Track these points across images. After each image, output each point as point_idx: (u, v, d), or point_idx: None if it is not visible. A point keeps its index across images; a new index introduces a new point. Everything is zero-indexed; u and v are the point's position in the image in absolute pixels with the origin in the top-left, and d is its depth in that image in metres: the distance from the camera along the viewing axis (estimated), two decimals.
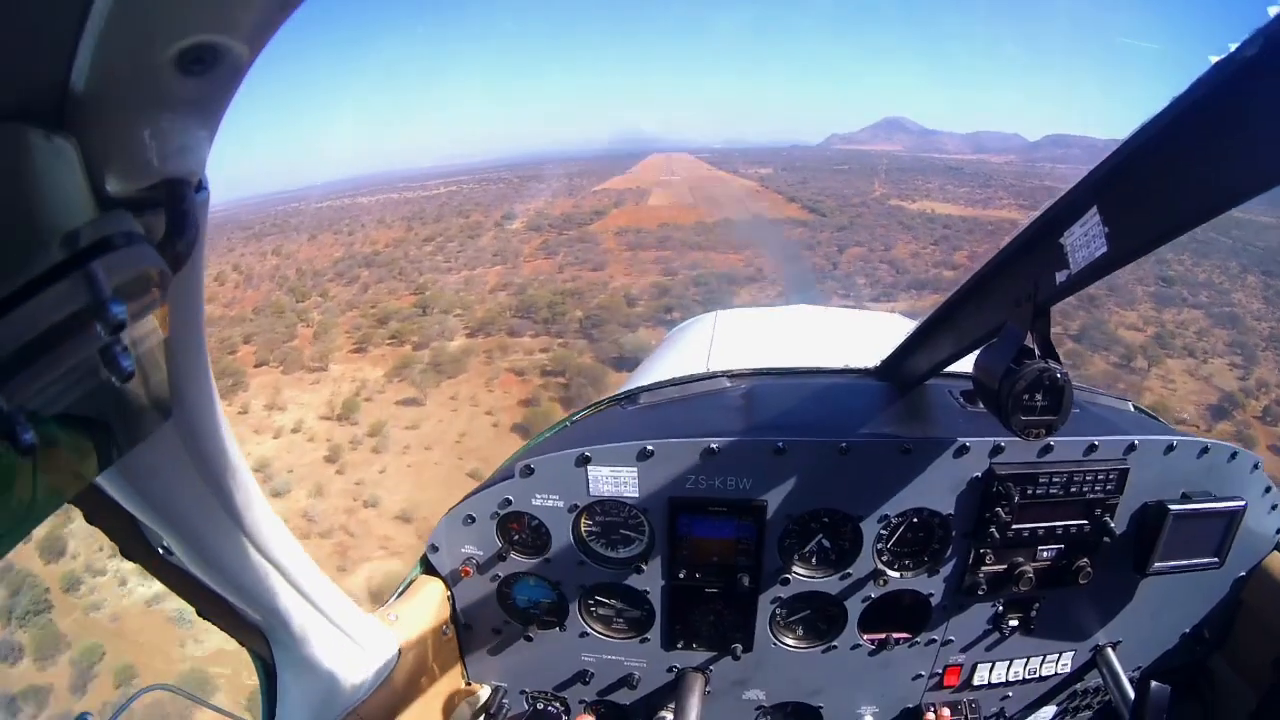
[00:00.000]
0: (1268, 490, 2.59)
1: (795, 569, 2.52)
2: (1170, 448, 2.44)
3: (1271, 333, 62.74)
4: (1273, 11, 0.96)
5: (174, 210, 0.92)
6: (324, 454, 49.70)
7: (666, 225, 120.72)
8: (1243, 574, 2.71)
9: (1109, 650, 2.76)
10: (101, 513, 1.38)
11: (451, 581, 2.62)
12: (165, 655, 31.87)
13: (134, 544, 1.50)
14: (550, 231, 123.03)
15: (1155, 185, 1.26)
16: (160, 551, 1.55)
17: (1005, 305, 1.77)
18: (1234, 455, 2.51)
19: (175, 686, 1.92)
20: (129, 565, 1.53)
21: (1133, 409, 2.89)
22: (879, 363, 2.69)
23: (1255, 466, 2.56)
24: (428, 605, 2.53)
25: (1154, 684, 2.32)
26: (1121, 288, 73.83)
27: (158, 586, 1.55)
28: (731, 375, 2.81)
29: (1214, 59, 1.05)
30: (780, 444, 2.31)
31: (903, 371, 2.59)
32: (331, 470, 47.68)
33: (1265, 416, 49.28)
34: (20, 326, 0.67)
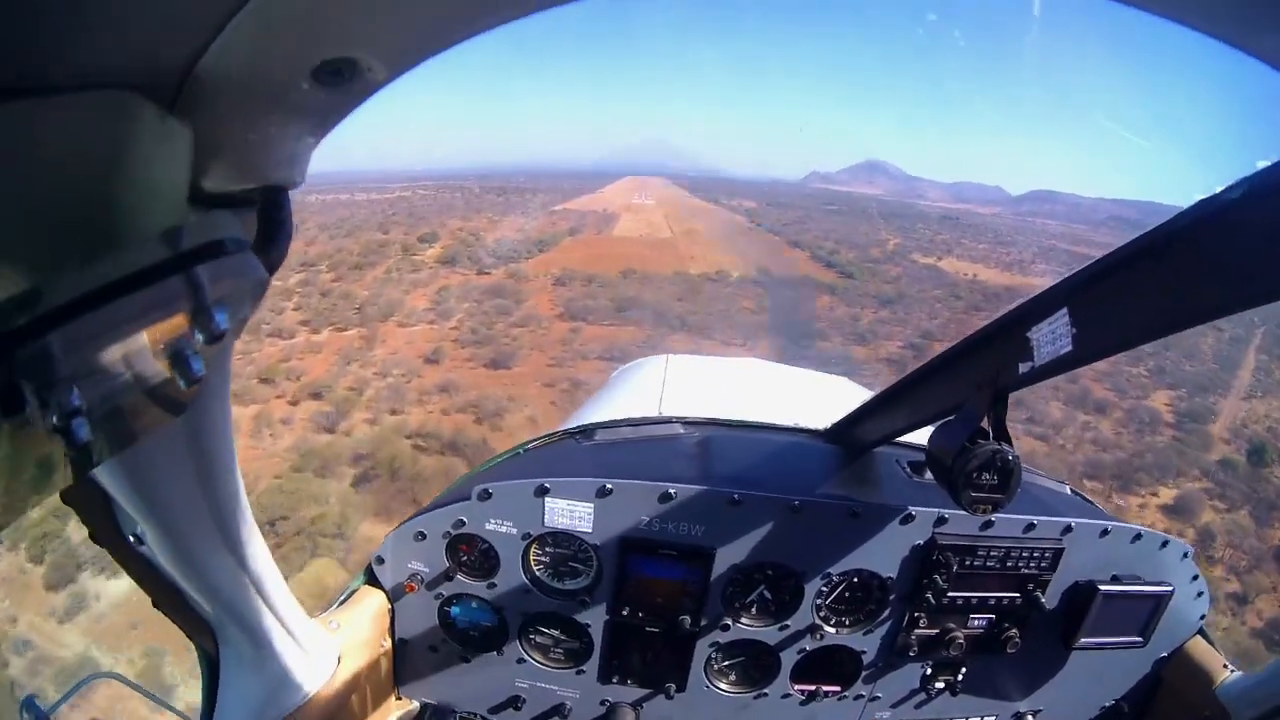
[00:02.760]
0: (1194, 578, 2.59)
1: (736, 617, 2.48)
2: (1105, 532, 2.44)
3: None
4: (1260, 165, 1.03)
5: (273, 217, 0.85)
6: None
7: (632, 273, 77.97)
8: (1164, 654, 2.70)
9: (1029, 718, 2.74)
10: (81, 493, 1.31)
11: (394, 596, 2.49)
12: None
13: (106, 528, 1.42)
14: (467, 269, 79.76)
15: (1125, 299, 1.31)
16: (130, 540, 1.46)
17: (966, 387, 1.80)
18: (1165, 544, 2.52)
19: (121, 676, 1.95)
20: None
21: (1069, 491, 2.83)
22: (830, 425, 2.67)
23: (1185, 555, 2.55)
24: (368, 616, 2.41)
25: None
26: None
27: None
28: (686, 422, 2.77)
29: (1199, 197, 1.12)
30: (736, 496, 2.27)
31: (854, 436, 2.57)
32: None
33: None
34: (117, 320, 0.61)
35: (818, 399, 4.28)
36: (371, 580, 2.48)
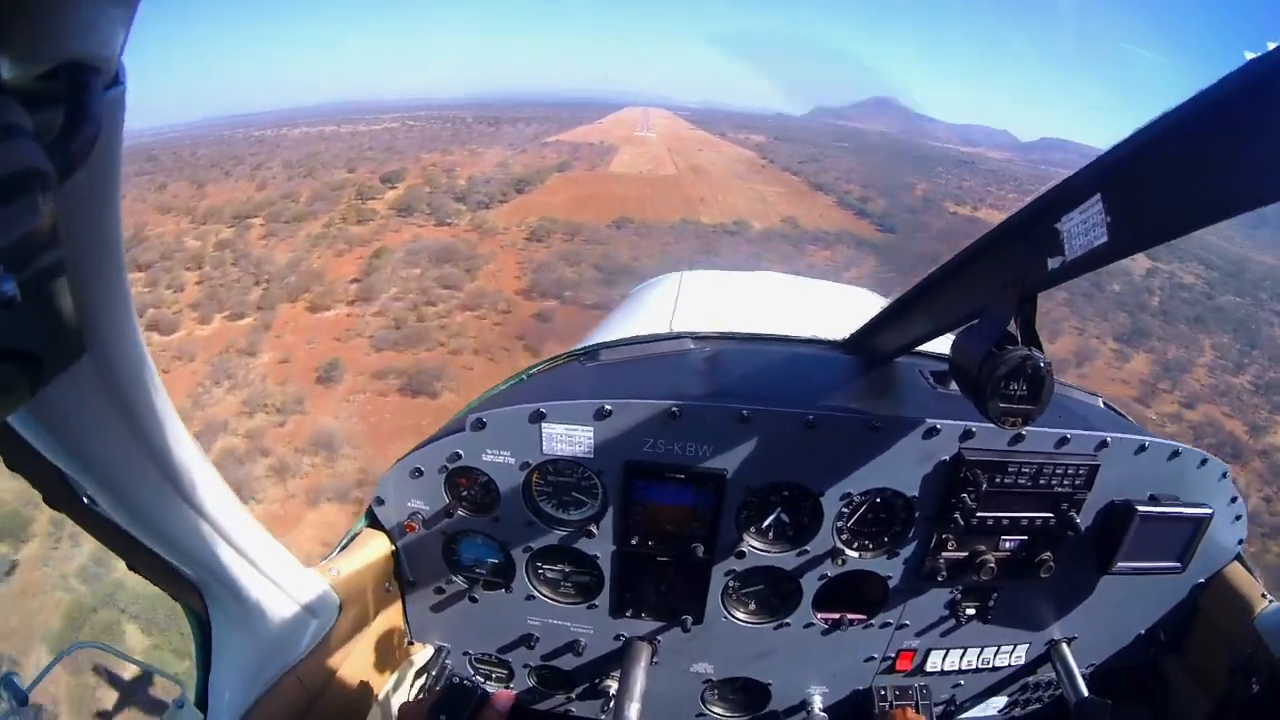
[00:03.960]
0: (1233, 500, 2.39)
1: (752, 542, 2.27)
2: (1142, 448, 2.23)
3: None
4: None
5: (72, 101, 0.71)
6: None
7: (628, 223, 60.05)
8: (1202, 581, 2.51)
9: (1063, 645, 2.56)
10: (20, 459, 1.18)
11: (396, 536, 2.32)
12: None
13: (57, 492, 1.29)
14: (423, 220, 62.10)
15: (1167, 180, 1.13)
16: (85, 501, 1.33)
17: (990, 288, 1.62)
18: (1204, 461, 2.31)
19: (106, 645, 1.86)
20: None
21: (1102, 404, 2.61)
22: (848, 335, 2.47)
23: (1223, 475, 2.35)
24: (370, 560, 2.24)
25: (1091, 699, 2.28)
26: None
27: None
28: (696, 337, 2.54)
29: (1250, 55, 0.94)
30: (745, 412, 2.06)
31: (873, 345, 2.37)
32: None
33: None
34: None
35: (837, 310, 4.06)
36: (373, 523, 2.30)
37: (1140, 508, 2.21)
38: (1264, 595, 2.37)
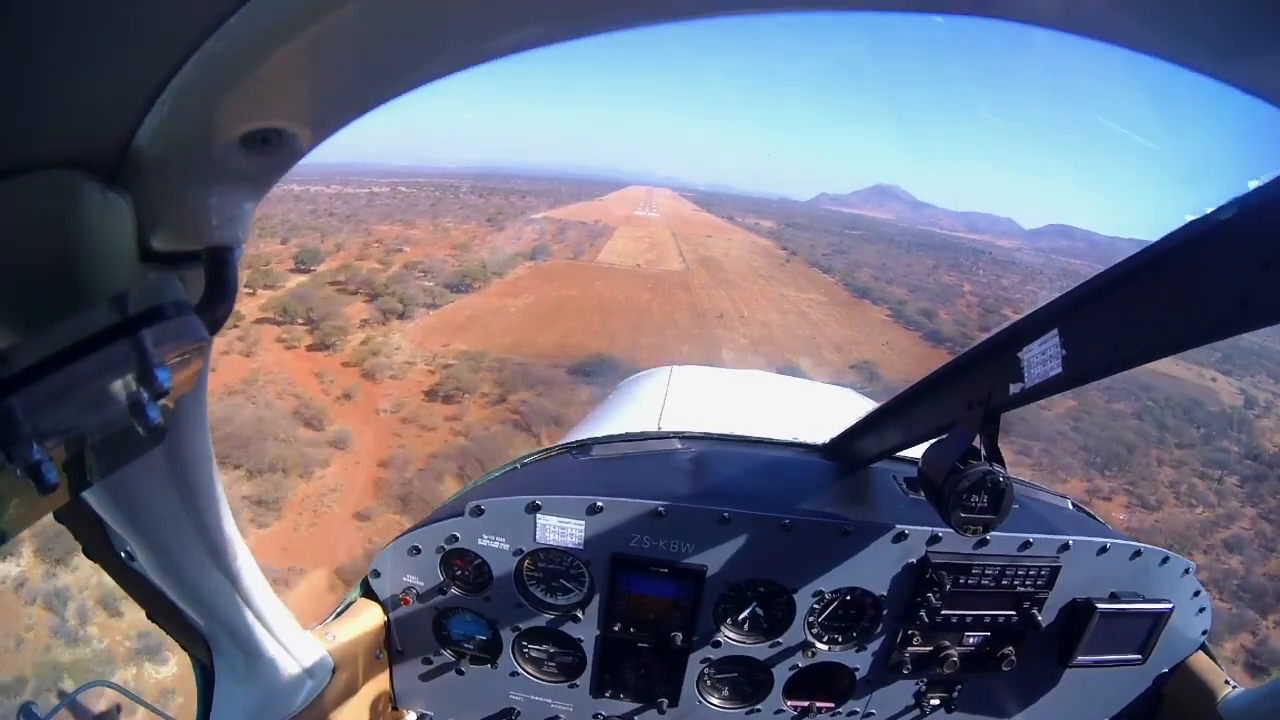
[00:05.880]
0: (1196, 594, 2.46)
1: (727, 633, 2.38)
2: (1103, 549, 2.32)
3: None
4: (1251, 184, 0.96)
5: (216, 277, 0.85)
6: None
7: (606, 365, 37.29)
8: (1165, 670, 2.56)
9: None
10: (72, 514, 1.31)
11: (390, 607, 2.41)
12: None
13: (98, 545, 1.42)
14: (296, 336, 38.74)
15: (1114, 320, 1.24)
16: (122, 555, 1.46)
17: (958, 406, 1.71)
18: (1165, 560, 2.39)
19: (117, 684, 1.93)
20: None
21: (1071, 507, 2.67)
22: (829, 440, 2.56)
23: (1186, 571, 2.43)
24: (364, 628, 2.33)
25: None
26: None
27: None
28: (684, 437, 2.65)
29: (1190, 217, 1.05)
30: (726, 514, 2.18)
31: (851, 451, 2.46)
32: None
33: None
34: (71, 383, 0.63)
35: (821, 412, 4.01)
36: (368, 593, 2.38)
37: (1100, 605, 2.26)
38: (1227, 681, 2.40)
